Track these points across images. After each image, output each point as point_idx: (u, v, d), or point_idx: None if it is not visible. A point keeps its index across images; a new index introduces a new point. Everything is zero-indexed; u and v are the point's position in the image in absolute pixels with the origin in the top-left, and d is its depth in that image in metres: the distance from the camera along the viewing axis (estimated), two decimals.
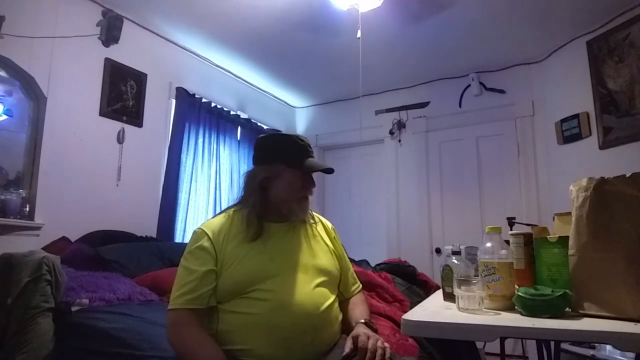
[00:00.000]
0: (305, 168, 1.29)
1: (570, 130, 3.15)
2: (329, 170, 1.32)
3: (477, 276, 1.18)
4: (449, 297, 1.25)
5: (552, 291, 1.04)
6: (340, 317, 1.30)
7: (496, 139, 3.73)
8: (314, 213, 1.42)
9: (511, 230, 1.98)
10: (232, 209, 1.34)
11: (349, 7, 2.57)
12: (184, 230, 3.12)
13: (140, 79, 2.96)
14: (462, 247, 1.37)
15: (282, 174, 1.27)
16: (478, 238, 1.36)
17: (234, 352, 1.12)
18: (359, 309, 1.32)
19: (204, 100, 3.43)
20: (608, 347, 2.20)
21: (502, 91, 3.69)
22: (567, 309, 1.05)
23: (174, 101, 3.22)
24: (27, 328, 1.52)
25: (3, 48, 2.24)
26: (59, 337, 1.56)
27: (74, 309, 1.64)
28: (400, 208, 4.03)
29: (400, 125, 4.10)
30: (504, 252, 1.16)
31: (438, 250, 3.78)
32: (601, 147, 2.93)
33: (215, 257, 1.20)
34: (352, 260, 1.79)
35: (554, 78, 3.39)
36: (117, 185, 2.78)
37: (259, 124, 4.06)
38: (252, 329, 1.13)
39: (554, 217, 1.35)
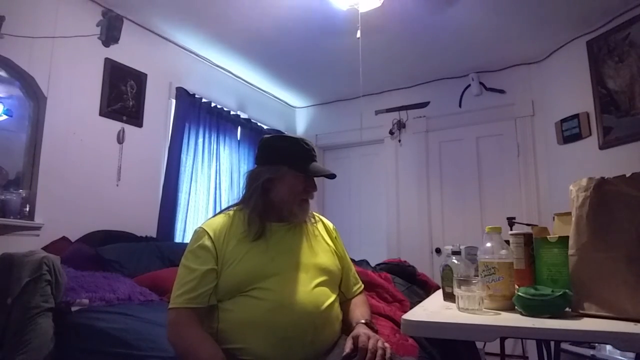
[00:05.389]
0: (309, 172, 1.30)
1: (570, 130, 3.15)
2: (332, 176, 1.33)
3: (477, 276, 1.18)
4: (449, 297, 1.25)
5: (552, 291, 1.04)
6: (341, 316, 1.30)
7: (496, 139, 3.73)
8: (314, 213, 1.42)
9: (511, 230, 1.98)
10: (233, 209, 1.34)
11: (349, 7, 2.58)
12: (184, 230, 3.12)
13: (140, 79, 2.96)
14: (462, 247, 1.37)
15: (285, 176, 1.27)
16: (478, 238, 1.36)
17: (233, 351, 1.12)
18: (360, 309, 1.32)
19: (204, 100, 3.43)
20: (608, 347, 2.20)
21: (502, 91, 3.69)
22: (567, 309, 1.05)
23: (174, 101, 3.22)
24: (27, 328, 1.52)
25: (3, 48, 2.24)
26: (59, 337, 1.56)
27: (74, 309, 1.65)
28: (400, 208, 4.03)
29: (400, 125, 4.10)
30: (504, 252, 1.16)
31: (438, 250, 3.78)
32: (601, 147, 2.93)
33: (216, 256, 1.20)
34: (352, 260, 1.79)
35: (554, 78, 3.39)
36: (117, 185, 2.78)
37: (259, 124, 4.06)
38: (252, 328, 1.13)
39: (554, 217, 1.34)
